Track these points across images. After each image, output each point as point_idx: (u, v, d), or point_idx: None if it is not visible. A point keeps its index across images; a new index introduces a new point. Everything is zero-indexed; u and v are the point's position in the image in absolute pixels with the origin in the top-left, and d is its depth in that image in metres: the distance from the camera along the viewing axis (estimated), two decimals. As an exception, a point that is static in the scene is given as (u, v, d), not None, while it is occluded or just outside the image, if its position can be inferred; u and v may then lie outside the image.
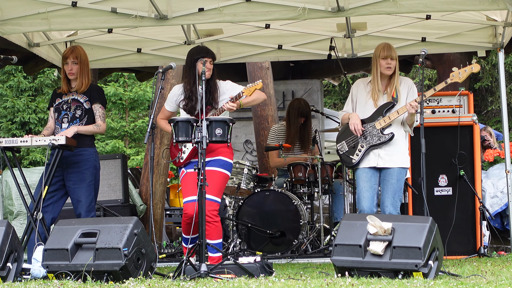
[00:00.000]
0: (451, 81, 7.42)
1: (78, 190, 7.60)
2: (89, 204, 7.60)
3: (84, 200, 7.58)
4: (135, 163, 22.32)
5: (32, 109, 23.60)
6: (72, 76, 7.76)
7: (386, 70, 7.51)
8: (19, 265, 6.51)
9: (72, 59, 7.74)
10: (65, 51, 7.89)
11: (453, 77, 7.43)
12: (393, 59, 7.51)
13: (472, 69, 7.42)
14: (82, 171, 7.60)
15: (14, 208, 9.81)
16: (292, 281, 5.84)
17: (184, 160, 7.63)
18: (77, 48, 7.86)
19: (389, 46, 7.55)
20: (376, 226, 6.06)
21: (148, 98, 23.46)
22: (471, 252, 8.90)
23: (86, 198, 7.60)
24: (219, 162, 7.53)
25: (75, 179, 7.61)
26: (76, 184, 7.60)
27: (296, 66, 14.66)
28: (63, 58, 7.81)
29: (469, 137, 9.05)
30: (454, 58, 12.58)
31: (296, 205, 9.35)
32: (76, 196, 7.61)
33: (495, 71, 21.06)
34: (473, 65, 7.42)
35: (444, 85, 7.42)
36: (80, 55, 7.76)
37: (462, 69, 7.41)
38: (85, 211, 7.56)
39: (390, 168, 7.49)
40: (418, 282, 5.52)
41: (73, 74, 7.75)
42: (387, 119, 7.48)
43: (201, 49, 7.75)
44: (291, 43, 9.78)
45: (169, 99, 7.81)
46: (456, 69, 7.45)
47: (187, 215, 7.54)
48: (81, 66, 7.75)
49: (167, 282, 5.84)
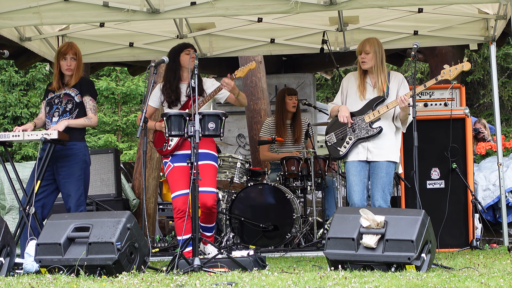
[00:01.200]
0: (442, 78, 7.44)
1: (67, 184, 7.58)
2: (78, 198, 7.57)
3: (73, 194, 7.56)
4: (127, 158, 22.30)
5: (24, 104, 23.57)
6: (69, 72, 7.73)
7: (362, 65, 7.56)
8: (11, 259, 6.49)
9: (72, 55, 7.72)
10: (63, 47, 7.83)
11: (444, 74, 7.44)
12: (368, 53, 7.52)
13: (463, 67, 7.42)
14: (72, 165, 7.58)
15: (6, 203, 9.79)
16: (285, 275, 5.84)
17: (172, 147, 7.68)
18: (74, 44, 7.85)
19: (366, 40, 7.59)
20: (369, 219, 6.06)
21: (140, 92, 23.42)
22: (464, 245, 8.92)
23: (76, 192, 7.58)
24: (209, 155, 7.69)
25: (65, 173, 7.59)
26: (65, 178, 7.58)
27: (289, 60, 14.66)
28: (61, 54, 7.76)
29: (461, 130, 9.06)
30: (446, 52, 12.60)
31: (289, 198, 9.35)
32: (66, 190, 7.60)
33: (487, 64, 21.10)
34: (464, 63, 7.43)
35: (434, 81, 7.44)
36: (77, 51, 7.76)
37: (453, 67, 7.42)
38: (75, 205, 7.54)
39: (379, 161, 7.51)
40: (411, 275, 5.54)
41: (71, 70, 7.73)
42: (376, 113, 7.49)
43: (183, 44, 7.93)
44: (284, 37, 9.78)
45: (154, 95, 7.90)
46: (448, 66, 7.46)
47: (179, 209, 7.60)
48: (78, 62, 7.74)
49: (160, 276, 5.84)
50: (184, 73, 7.87)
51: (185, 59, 7.79)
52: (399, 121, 7.57)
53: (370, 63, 7.52)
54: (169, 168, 7.80)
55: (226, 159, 9.47)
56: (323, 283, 5.24)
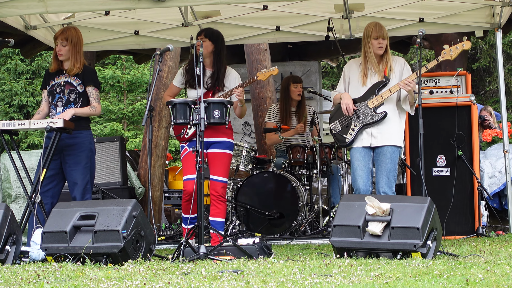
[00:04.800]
0: (443, 59, 7.42)
1: (73, 172, 7.59)
2: (84, 186, 7.58)
3: (80, 182, 7.56)
4: (133, 146, 22.32)
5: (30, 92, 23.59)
6: (61, 57, 7.71)
7: (378, 50, 7.52)
8: (17, 248, 6.52)
9: (61, 40, 7.69)
10: (56, 32, 7.86)
11: (445, 54, 7.43)
12: (384, 39, 7.50)
13: (463, 46, 7.41)
14: (78, 153, 7.58)
15: (13, 191, 9.81)
16: (291, 262, 5.85)
17: (190, 135, 7.72)
18: (69, 29, 7.78)
19: (380, 25, 7.55)
20: (374, 207, 6.06)
21: (146, 80, 23.42)
22: (470, 232, 8.92)
23: (82, 180, 7.58)
24: (225, 144, 7.71)
25: (71, 161, 7.59)
26: (71, 167, 7.58)
27: (294, 48, 14.63)
28: (54, 39, 7.79)
29: (467, 118, 9.04)
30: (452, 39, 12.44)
31: (295, 186, 9.35)
32: (72, 178, 7.60)
33: (493, 51, 21.03)
34: (464, 42, 7.42)
35: (436, 62, 7.43)
36: (70, 36, 7.69)
37: (453, 46, 7.41)
38: (81, 193, 7.54)
39: (384, 146, 7.49)
40: (417, 262, 5.54)
41: (62, 55, 7.70)
42: (380, 98, 7.48)
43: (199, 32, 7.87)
44: (289, 25, 9.76)
45: (178, 75, 7.94)
46: (447, 46, 7.45)
47: (187, 192, 7.66)
48: (72, 48, 7.69)
49: (166, 264, 5.85)
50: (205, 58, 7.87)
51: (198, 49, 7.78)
52: (407, 104, 7.53)
53: (385, 48, 7.52)
54: (185, 152, 7.85)
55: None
56: (329, 270, 5.25)
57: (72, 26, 8.06)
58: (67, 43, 7.67)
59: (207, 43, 7.84)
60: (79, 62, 7.70)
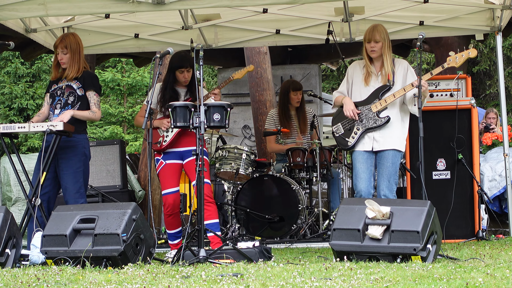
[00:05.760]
0: (448, 66, 7.41)
1: (65, 176, 7.55)
2: (76, 191, 7.53)
3: (71, 187, 7.52)
4: (133, 149, 22.35)
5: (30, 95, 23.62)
6: (64, 65, 7.74)
7: (370, 53, 7.51)
8: (17, 251, 6.52)
9: (61, 48, 7.71)
10: (56, 40, 7.87)
11: (450, 61, 7.42)
12: (377, 42, 7.48)
13: (469, 54, 7.41)
14: (70, 157, 7.54)
15: (13, 194, 9.82)
16: (291, 266, 5.85)
17: (166, 144, 7.68)
18: (68, 36, 7.80)
19: (374, 28, 7.51)
20: (374, 210, 6.06)
21: (146, 83, 23.45)
22: (470, 235, 8.91)
23: (73, 185, 7.53)
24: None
25: (63, 165, 7.56)
26: (63, 171, 7.55)
27: (294, 51, 14.64)
28: (54, 47, 7.80)
29: (467, 121, 9.04)
30: (452, 42, 12.56)
31: (295, 190, 9.35)
32: (64, 182, 7.56)
33: (493, 55, 21.04)
34: (470, 50, 7.41)
35: (441, 69, 7.41)
36: (70, 43, 7.70)
37: (459, 54, 7.40)
38: (72, 198, 7.49)
39: (385, 150, 7.48)
40: (417, 266, 5.54)
41: (64, 63, 7.73)
42: (383, 102, 7.47)
43: (180, 58, 7.83)
44: (289, 28, 9.76)
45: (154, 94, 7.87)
46: (453, 53, 7.44)
47: (169, 207, 7.67)
48: (72, 55, 7.69)
49: (166, 268, 5.85)
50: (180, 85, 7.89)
51: (180, 77, 7.79)
52: (412, 105, 7.47)
53: (379, 51, 7.49)
54: (161, 166, 7.80)
55: (231, 151, 9.47)
56: (329, 274, 5.25)
57: (71, 33, 8.05)
58: (68, 51, 7.69)
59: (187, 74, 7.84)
60: (77, 66, 7.69)
